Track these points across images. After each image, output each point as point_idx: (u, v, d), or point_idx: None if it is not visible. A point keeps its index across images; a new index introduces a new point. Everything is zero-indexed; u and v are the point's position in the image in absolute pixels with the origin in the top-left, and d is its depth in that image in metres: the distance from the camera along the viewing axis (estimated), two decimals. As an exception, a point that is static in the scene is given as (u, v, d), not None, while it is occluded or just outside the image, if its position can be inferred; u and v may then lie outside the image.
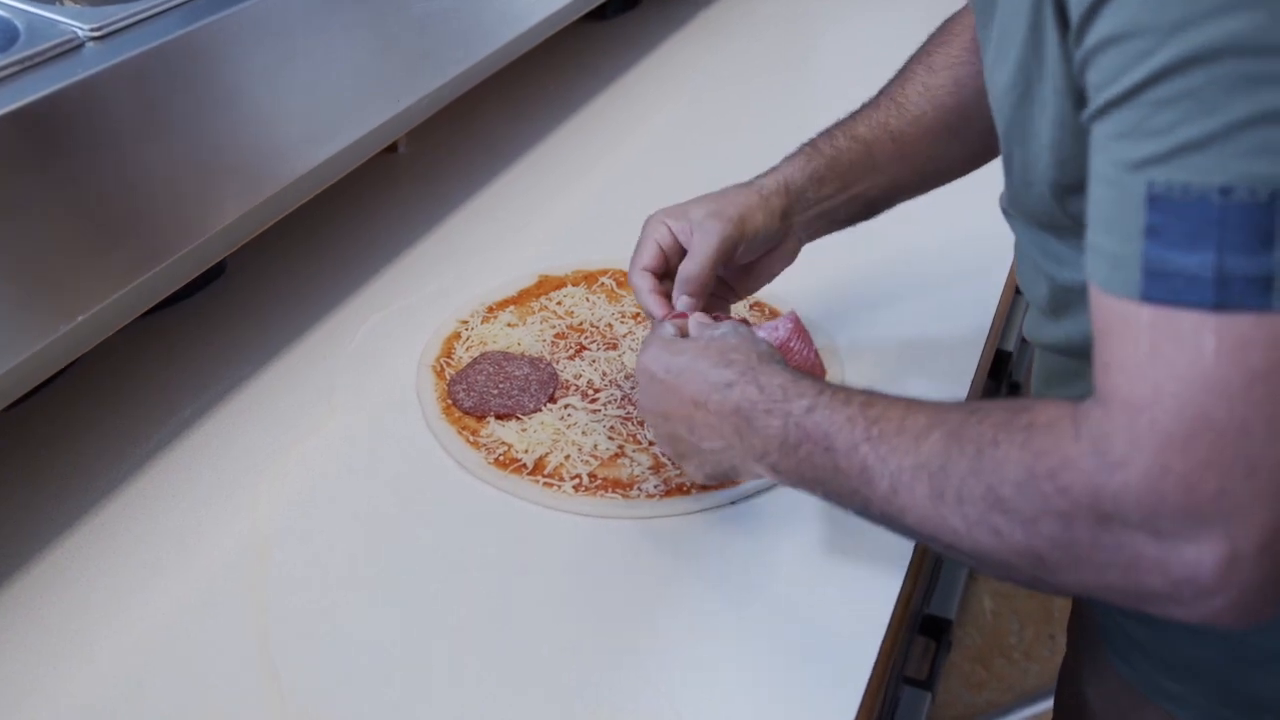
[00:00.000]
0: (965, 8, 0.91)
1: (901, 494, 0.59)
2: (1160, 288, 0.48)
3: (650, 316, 0.85)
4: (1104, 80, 0.50)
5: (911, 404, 0.61)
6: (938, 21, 0.93)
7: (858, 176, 0.89)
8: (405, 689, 0.73)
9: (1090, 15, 0.50)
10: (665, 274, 0.87)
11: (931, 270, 1.13)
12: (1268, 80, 0.45)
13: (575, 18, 1.30)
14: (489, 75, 1.16)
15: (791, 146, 0.91)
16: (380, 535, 0.84)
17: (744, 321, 0.80)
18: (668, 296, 0.85)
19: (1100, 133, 0.52)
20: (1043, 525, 0.53)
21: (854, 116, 0.90)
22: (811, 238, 0.91)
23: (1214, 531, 0.48)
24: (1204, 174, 0.47)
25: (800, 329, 0.84)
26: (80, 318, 0.73)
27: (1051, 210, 0.65)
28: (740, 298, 0.93)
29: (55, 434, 0.93)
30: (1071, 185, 0.62)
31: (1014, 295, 1.20)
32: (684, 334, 0.79)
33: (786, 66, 1.62)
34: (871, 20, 1.69)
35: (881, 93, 0.91)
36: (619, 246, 1.15)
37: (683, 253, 0.86)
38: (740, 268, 0.90)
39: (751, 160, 1.31)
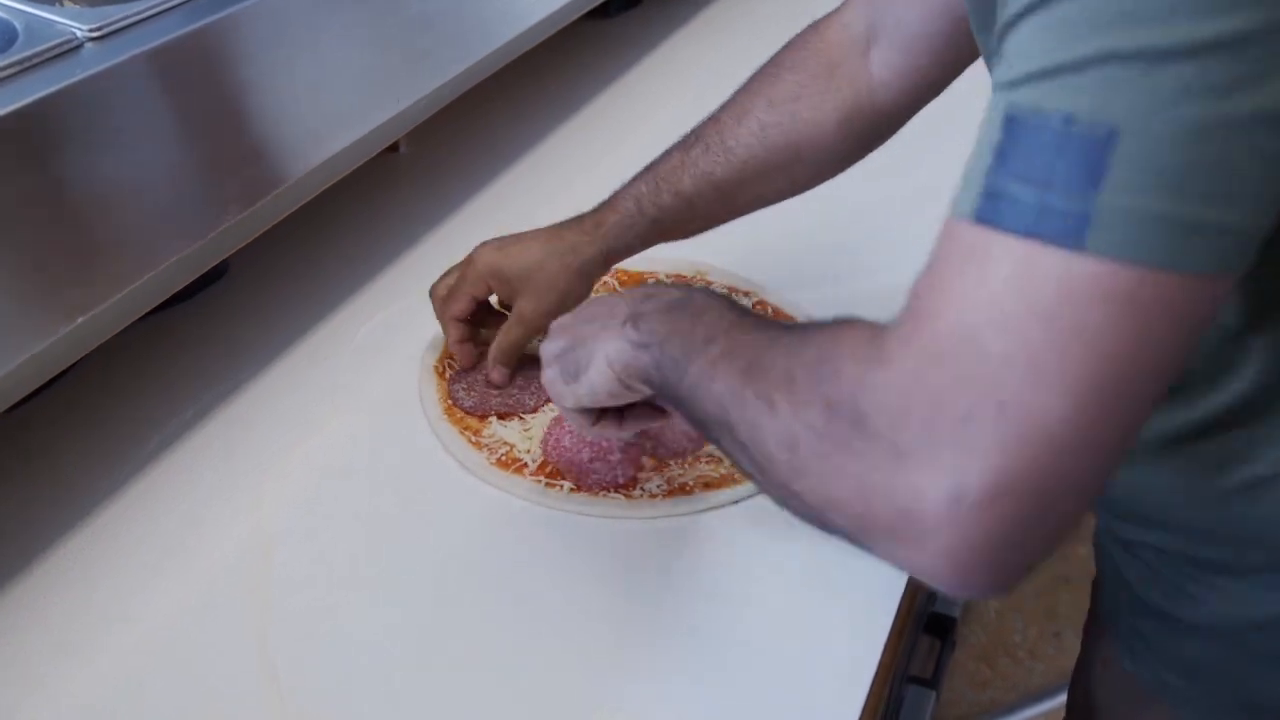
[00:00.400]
0: (829, 18, 0.90)
1: (722, 364, 0.57)
2: (989, 209, 0.46)
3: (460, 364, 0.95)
4: (1004, 13, 0.48)
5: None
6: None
7: (678, 228, 0.92)
8: (405, 689, 0.72)
9: None
10: (475, 312, 0.94)
11: (916, 271, 1.12)
12: (1123, 20, 0.43)
13: (577, 16, 1.30)
14: (490, 74, 1.15)
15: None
16: (382, 536, 0.84)
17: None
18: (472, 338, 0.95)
19: (993, 77, 0.49)
20: (810, 411, 0.51)
21: (681, 161, 0.89)
22: None
23: (946, 459, 0.45)
24: (1052, 98, 0.44)
25: None
26: (80, 319, 0.73)
27: None
28: None
29: (57, 435, 0.93)
30: None
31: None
32: None
33: (789, 64, 1.61)
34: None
35: (714, 122, 0.90)
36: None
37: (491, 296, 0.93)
38: None
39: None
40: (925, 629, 1.20)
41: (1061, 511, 0.46)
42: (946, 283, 0.47)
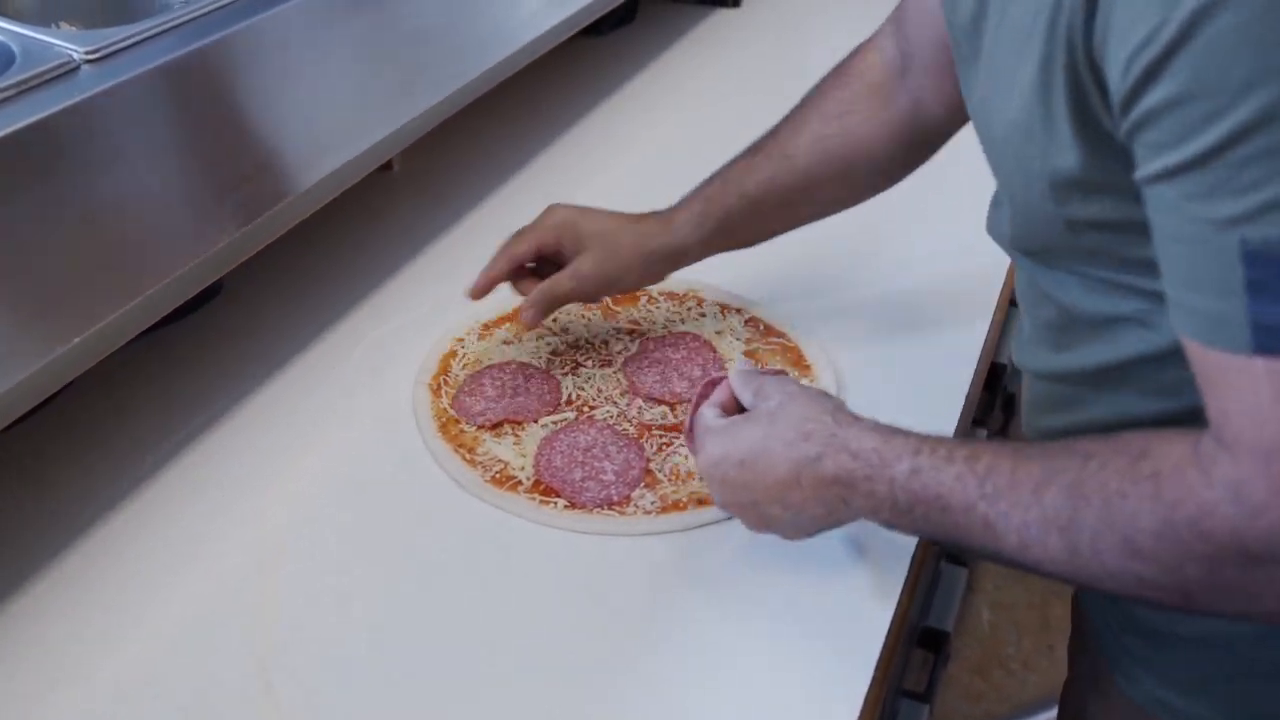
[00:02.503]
0: (865, 46, 0.94)
1: (1033, 548, 0.60)
2: (1273, 340, 0.50)
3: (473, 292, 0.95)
4: (1169, 141, 0.51)
5: (1017, 451, 0.62)
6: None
7: (743, 231, 0.94)
8: (403, 706, 0.73)
9: (1146, 80, 0.51)
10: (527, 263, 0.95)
11: (925, 284, 1.13)
12: None
13: (570, 34, 1.31)
14: (484, 92, 1.16)
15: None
16: (377, 553, 0.84)
17: (781, 371, 0.80)
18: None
19: (1168, 193, 0.52)
20: (1188, 569, 0.55)
21: (746, 167, 0.93)
22: None
23: None
24: None
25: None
26: (77, 339, 0.73)
27: (1061, 244, 0.66)
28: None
29: (54, 453, 0.93)
30: (1089, 223, 0.62)
31: (1009, 307, 1.20)
32: (727, 410, 0.78)
33: (782, 80, 1.61)
34: (864, 33, 1.69)
35: (773, 136, 0.93)
36: (614, 262, 1.15)
37: (556, 256, 0.94)
38: None
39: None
40: (918, 643, 1.20)
41: None
42: (1269, 414, 0.51)
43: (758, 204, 0.91)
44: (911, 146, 0.91)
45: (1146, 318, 0.65)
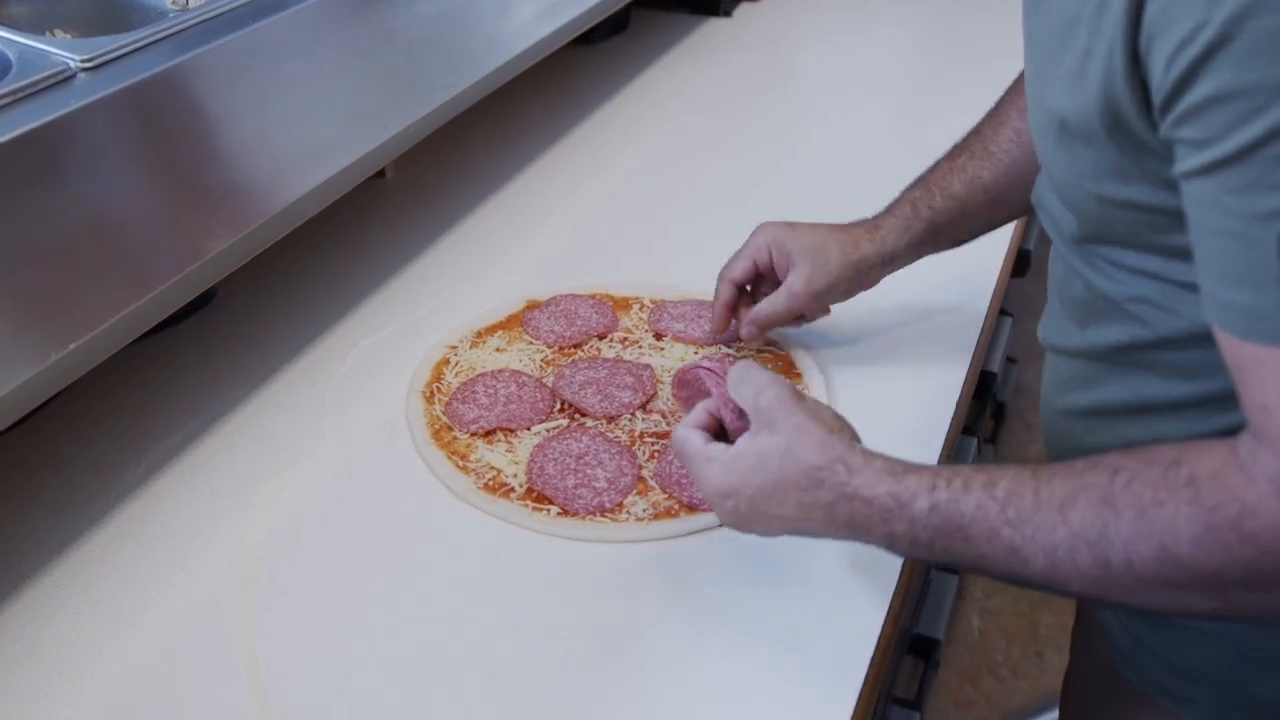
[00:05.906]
0: None
1: (1062, 568, 0.59)
2: None
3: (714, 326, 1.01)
4: (1211, 137, 0.52)
5: (1037, 473, 0.61)
6: (918, 45, 0.94)
7: (951, 230, 0.94)
8: (395, 710, 0.73)
9: (1189, 77, 0.52)
10: (748, 283, 0.99)
11: (917, 291, 1.13)
12: None
13: (563, 43, 1.32)
14: (477, 100, 1.17)
15: (778, 169, 0.92)
16: (369, 560, 0.84)
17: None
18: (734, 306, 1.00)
19: (1209, 188, 0.53)
20: (1226, 573, 0.55)
21: (950, 168, 0.93)
22: None
23: None
24: None
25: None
26: (72, 345, 0.74)
27: (1097, 226, 0.67)
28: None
29: (45, 460, 0.93)
30: (1123, 205, 0.63)
31: (999, 315, 1.21)
32: (710, 430, 0.76)
33: (772, 89, 1.63)
34: (855, 43, 1.70)
35: (975, 134, 0.94)
36: (605, 271, 1.16)
37: (771, 273, 0.97)
38: None
39: (738, 183, 1.32)
40: (909, 650, 1.20)
41: None
42: None
43: (964, 203, 0.92)
44: None
45: (1169, 302, 0.66)
